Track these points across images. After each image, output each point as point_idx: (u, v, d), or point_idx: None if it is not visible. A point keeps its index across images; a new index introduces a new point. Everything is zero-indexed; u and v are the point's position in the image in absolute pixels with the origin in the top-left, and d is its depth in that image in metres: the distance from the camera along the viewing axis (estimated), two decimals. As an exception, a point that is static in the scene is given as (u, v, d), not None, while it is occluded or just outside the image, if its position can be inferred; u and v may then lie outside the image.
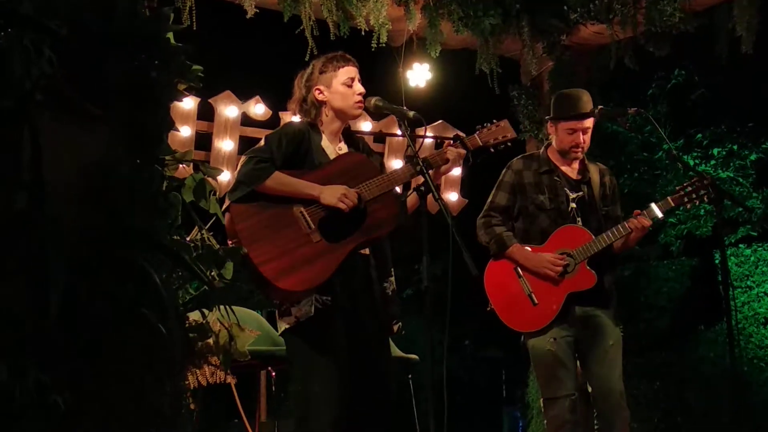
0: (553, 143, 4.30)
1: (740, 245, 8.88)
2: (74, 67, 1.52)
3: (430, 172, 3.46)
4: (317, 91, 3.60)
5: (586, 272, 4.07)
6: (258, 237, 3.29)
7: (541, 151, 4.36)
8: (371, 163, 3.61)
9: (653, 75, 9.86)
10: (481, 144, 3.66)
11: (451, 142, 3.68)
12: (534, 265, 4.11)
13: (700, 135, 9.84)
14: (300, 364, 3.42)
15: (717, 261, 8.40)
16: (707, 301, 8.45)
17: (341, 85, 3.58)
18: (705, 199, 4.11)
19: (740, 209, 8.78)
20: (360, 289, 3.48)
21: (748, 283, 8.56)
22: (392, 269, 3.61)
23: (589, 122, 4.20)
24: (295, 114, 3.75)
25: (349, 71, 3.61)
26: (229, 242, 3.31)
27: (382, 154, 6.38)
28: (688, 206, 4.16)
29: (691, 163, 9.38)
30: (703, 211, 9.32)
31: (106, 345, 1.39)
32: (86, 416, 1.34)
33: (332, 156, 3.58)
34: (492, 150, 3.71)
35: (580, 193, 4.22)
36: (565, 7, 6.37)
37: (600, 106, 4.31)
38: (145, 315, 1.43)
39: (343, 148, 3.66)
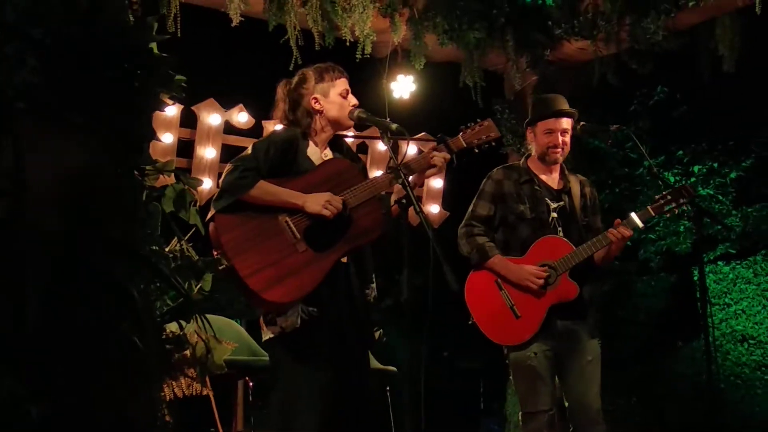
0: (533, 150, 4.28)
1: (719, 262, 8.94)
2: (57, 76, 1.52)
3: (414, 176, 3.48)
4: (314, 101, 3.60)
5: (567, 283, 4.05)
6: (243, 248, 3.27)
7: (521, 161, 4.35)
8: (355, 169, 3.61)
9: (635, 92, 9.95)
10: (464, 145, 3.66)
11: (435, 144, 3.68)
12: (516, 278, 4.07)
13: (681, 152, 9.92)
14: (283, 375, 3.39)
15: (695, 278, 8.45)
16: (685, 318, 8.50)
17: (338, 95, 3.60)
18: (684, 206, 4.11)
19: (719, 227, 8.84)
20: (342, 298, 3.46)
21: (726, 300, 8.62)
22: (374, 276, 3.60)
23: (567, 123, 4.18)
24: (280, 122, 3.73)
25: (344, 83, 3.65)
26: (214, 253, 3.27)
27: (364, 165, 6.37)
28: (668, 214, 4.16)
29: (672, 180, 9.45)
30: (682, 227, 9.39)
31: (83, 356, 1.39)
32: (62, 428, 1.33)
33: (318, 163, 3.57)
34: (476, 150, 3.71)
35: (561, 203, 4.19)
36: (550, 23, 6.41)
37: (582, 122, 4.31)
38: (122, 327, 1.43)
39: (329, 154, 3.66)
